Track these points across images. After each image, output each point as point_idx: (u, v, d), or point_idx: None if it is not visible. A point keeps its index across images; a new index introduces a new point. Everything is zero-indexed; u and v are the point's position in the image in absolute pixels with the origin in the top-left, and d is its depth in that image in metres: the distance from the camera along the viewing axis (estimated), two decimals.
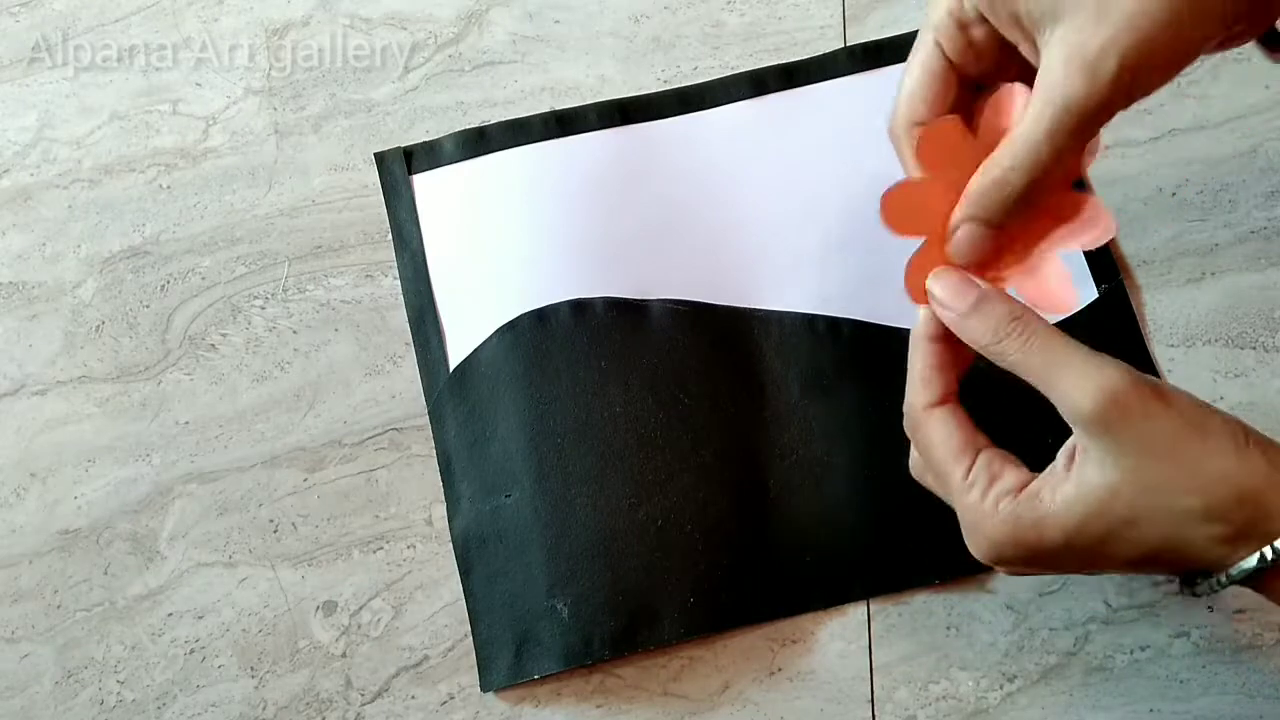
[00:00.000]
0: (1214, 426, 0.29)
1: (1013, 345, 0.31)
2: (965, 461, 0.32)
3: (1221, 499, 0.28)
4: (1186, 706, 0.40)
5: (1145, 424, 0.28)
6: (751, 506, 0.43)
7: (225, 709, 0.41)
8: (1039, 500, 0.30)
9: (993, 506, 0.31)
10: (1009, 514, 0.30)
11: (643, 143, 0.48)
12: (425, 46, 0.51)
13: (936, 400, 0.33)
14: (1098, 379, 0.29)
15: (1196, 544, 0.29)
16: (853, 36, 0.50)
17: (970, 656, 0.41)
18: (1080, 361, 0.29)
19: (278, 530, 0.44)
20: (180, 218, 0.48)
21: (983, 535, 0.31)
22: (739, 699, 0.41)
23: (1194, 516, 0.28)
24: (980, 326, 0.31)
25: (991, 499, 0.31)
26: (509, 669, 0.41)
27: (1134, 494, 0.29)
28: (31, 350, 0.46)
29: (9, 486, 0.45)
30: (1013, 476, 0.31)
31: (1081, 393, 0.29)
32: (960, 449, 0.32)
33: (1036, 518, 0.30)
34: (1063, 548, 0.30)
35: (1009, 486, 0.31)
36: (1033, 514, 0.30)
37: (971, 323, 0.32)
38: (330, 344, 0.46)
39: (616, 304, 0.44)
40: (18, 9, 0.52)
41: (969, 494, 0.32)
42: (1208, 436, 0.28)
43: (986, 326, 0.31)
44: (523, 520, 0.42)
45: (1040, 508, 0.30)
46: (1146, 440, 0.28)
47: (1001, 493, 0.31)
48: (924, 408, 0.33)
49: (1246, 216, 0.46)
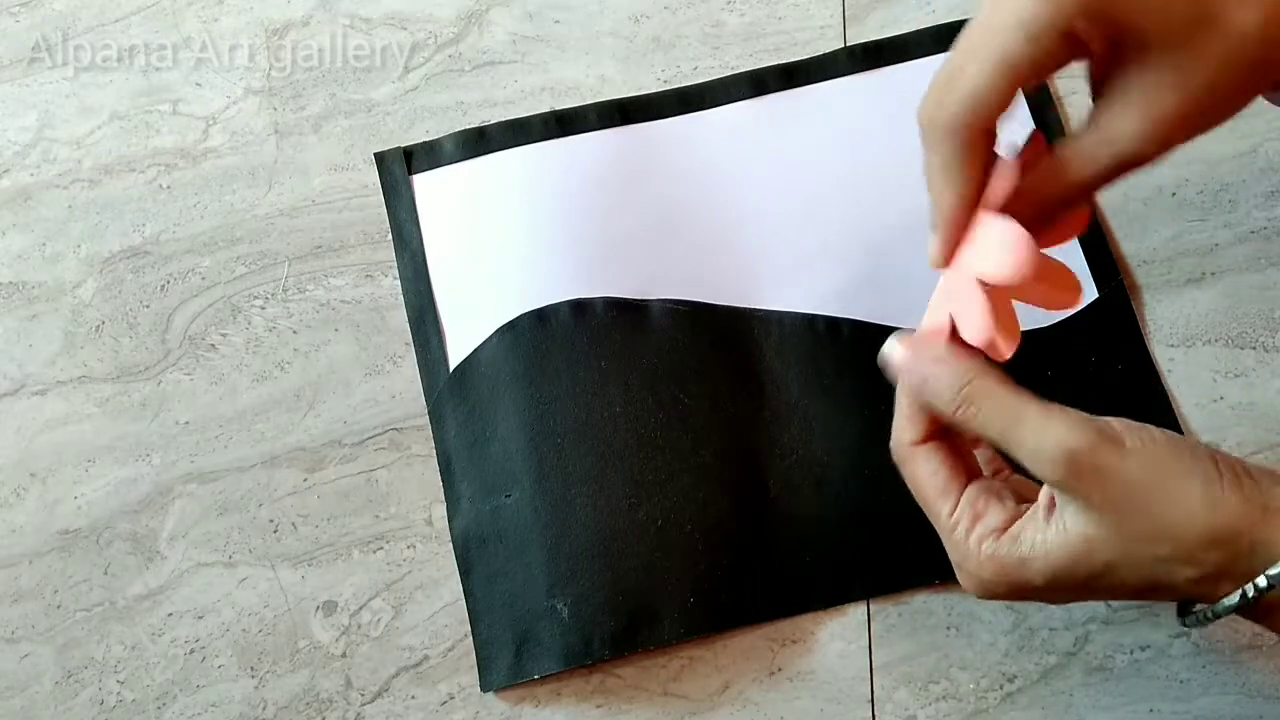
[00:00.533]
0: (1180, 469, 0.28)
1: (967, 416, 0.31)
2: (950, 500, 0.32)
3: (1191, 544, 0.28)
4: (1186, 706, 0.40)
5: (1106, 480, 0.28)
6: (751, 506, 0.43)
7: (225, 709, 0.41)
8: (1020, 543, 0.30)
9: (976, 546, 0.31)
10: (991, 555, 0.31)
11: (643, 143, 0.48)
12: (425, 46, 0.51)
13: (921, 438, 0.33)
14: (1053, 440, 0.29)
15: (1177, 584, 0.29)
16: (853, 36, 0.50)
17: (970, 656, 0.41)
18: (1034, 424, 0.29)
19: (278, 530, 0.44)
20: (180, 218, 0.48)
21: (968, 573, 0.32)
22: (739, 699, 0.41)
23: (1167, 562, 0.28)
24: (936, 400, 0.32)
25: (975, 539, 0.31)
26: (509, 669, 0.41)
27: (1109, 544, 0.29)
28: (31, 350, 0.46)
29: (9, 486, 0.45)
30: (996, 516, 0.31)
31: (1040, 458, 0.29)
32: (944, 487, 0.32)
33: (1019, 558, 0.30)
34: (1048, 586, 0.30)
35: (992, 526, 0.31)
36: (1015, 554, 0.30)
37: (926, 395, 0.32)
38: (330, 344, 0.46)
39: (616, 304, 0.44)
40: (18, 9, 0.52)
41: (954, 533, 0.32)
42: (1172, 482, 0.28)
43: (940, 400, 0.31)
44: (523, 520, 0.42)
45: (1022, 548, 0.30)
46: (1110, 495, 0.28)
47: (985, 533, 0.31)
48: (909, 444, 0.34)
49: (1246, 216, 0.46)
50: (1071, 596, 0.31)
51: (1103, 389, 0.44)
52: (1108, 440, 0.28)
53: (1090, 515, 0.29)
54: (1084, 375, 0.44)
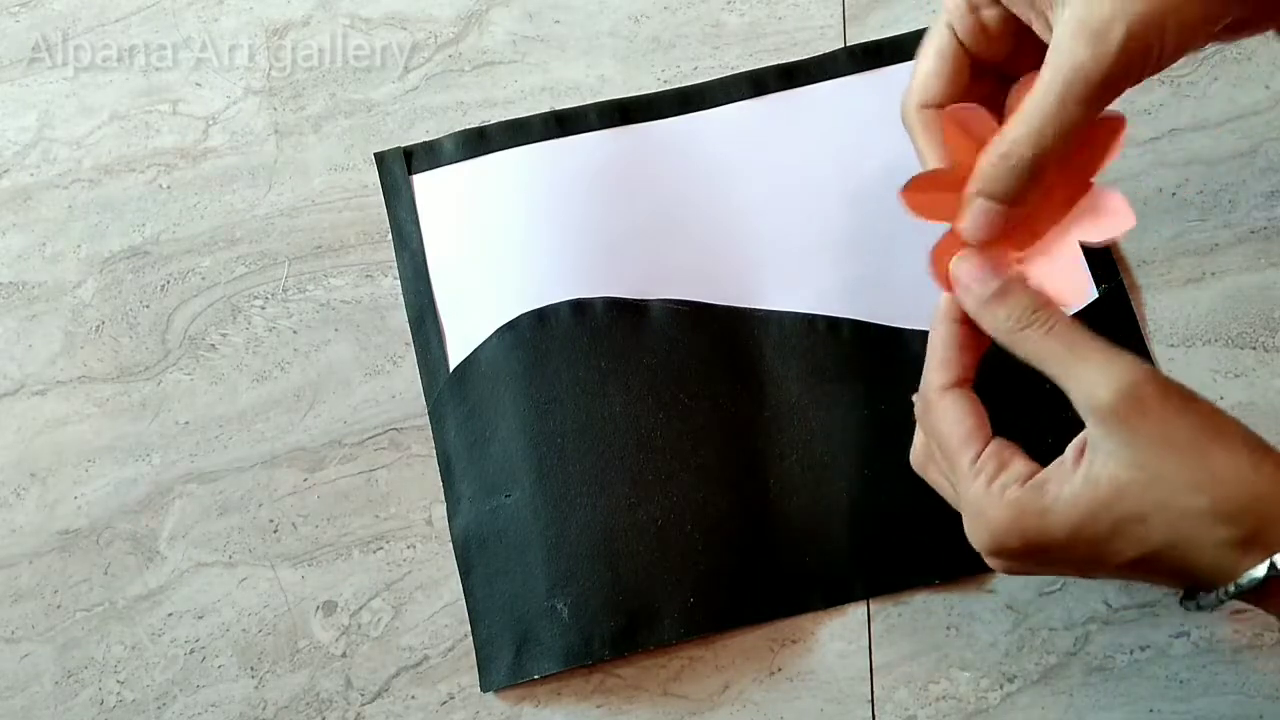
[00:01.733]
0: (1232, 431, 0.29)
1: (1034, 334, 0.30)
2: (975, 447, 0.32)
3: (1233, 500, 0.27)
4: (1186, 706, 0.40)
5: (1162, 419, 0.28)
6: (751, 506, 0.43)
7: (225, 709, 0.41)
8: (1045, 490, 0.30)
9: (998, 493, 0.30)
10: (1014, 501, 0.30)
11: (643, 143, 0.48)
12: (425, 46, 0.51)
13: (953, 382, 0.33)
14: (1119, 372, 0.29)
15: (1203, 547, 0.28)
16: (853, 36, 0.50)
17: (970, 656, 0.41)
18: (1102, 353, 0.29)
19: (278, 530, 0.44)
20: (180, 218, 0.48)
21: (985, 522, 0.31)
22: (739, 699, 0.41)
23: (1203, 516, 0.28)
24: (1003, 313, 0.31)
25: (998, 486, 0.31)
26: (509, 669, 0.41)
27: (1143, 489, 0.28)
28: (31, 350, 0.46)
29: (9, 486, 0.45)
30: (1021, 466, 0.31)
31: (1100, 384, 0.29)
32: (970, 434, 0.32)
33: (1041, 507, 0.30)
34: (1065, 541, 0.30)
35: (1016, 475, 0.31)
36: (1038, 503, 0.30)
37: (994, 308, 0.31)
38: (330, 344, 0.46)
39: (616, 304, 0.44)
40: (18, 9, 0.52)
41: (975, 480, 0.31)
42: (1225, 439, 0.28)
43: (1010, 313, 0.31)
44: (523, 520, 0.42)
45: (1046, 498, 0.30)
46: (1160, 435, 0.28)
47: (1008, 480, 0.31)
48: (939, 388, 0.33)
49: (1246, 216, 0.46)
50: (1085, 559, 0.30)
51: None
52: (1173, 385, 0.29)
53: (1130, 456, 0.28)
54: None
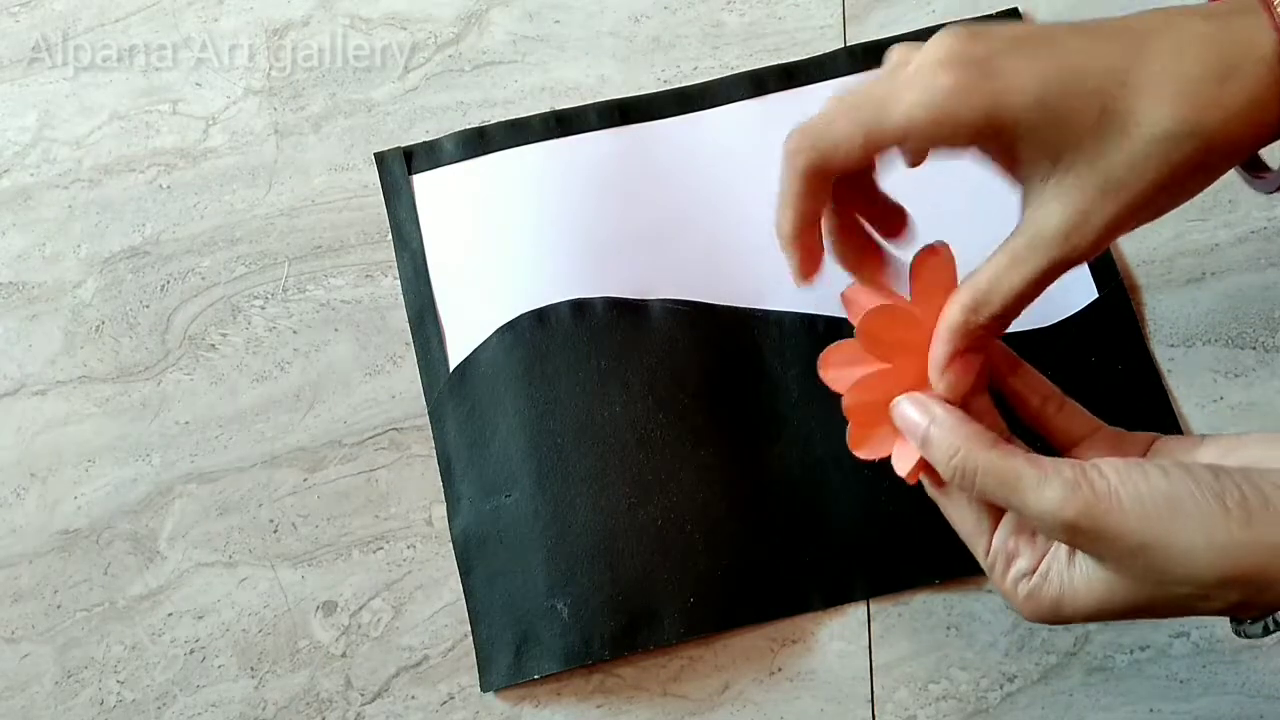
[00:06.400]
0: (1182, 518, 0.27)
1: (965, 485, 0.31)
2: (983, 541, 0.32)
3: (1210, 583, 0.27)
4: (1186, 706, 0.40)
5: (1110, 542, 0.28)
6: (751, 506, 0.43)
7: (225, 709, 0.41)
8: (1050, 583, 0.31)
9: (1013, 588, 0.32)
10: (1027, 595, 0.31)
11: (643, 143, 0.48)
12: (425, 46, 0.51)
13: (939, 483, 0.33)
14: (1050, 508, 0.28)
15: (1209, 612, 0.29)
16: (853, 36, 0.50)
17: (970, 656, 0.41)
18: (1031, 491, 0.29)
19: (278, 530, 0.44)
20: (180, 218, 0.48)
21: (1011, 604, 0.32)
22: (739, 699, 0.41)
23: (1192, 598, 0.28)
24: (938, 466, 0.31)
25: (1010, 582, 0.32)
26: (509, 669, 0.41)
27: (1130, 589, 0.29)
28: (31, 350, 0.46)
29: (9, 486, 0.45)
30: (1026, 557, 0.31)
31: (1043, 525, 0.29)
32: (974, 528, 0.33)
33: (1053, 601, 0.31)
34: (1086, 621, 0.31)
35: (1024, 569, 0.31)
36: (1049, 597, 0.31)
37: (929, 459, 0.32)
38: (330, 344, 0.46)
39: (616, 304, 0.44)
40: (18, 9, 0.52)
41: (992, 574, 0.32)
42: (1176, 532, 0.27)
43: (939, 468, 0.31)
44: (523, 520, 0.42)
45: (1053, 590, 0.31)
46: (1117, 552, 0.28)
47: (1018, 575, 0.31)
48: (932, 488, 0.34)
49: (1246, 216, 0.46)
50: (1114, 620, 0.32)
51: (1103, 389, 0.44)
52: (1104, 500, 0.28)
53: (1105, 566, 0.29)
54: (1084, 375, 0.44)
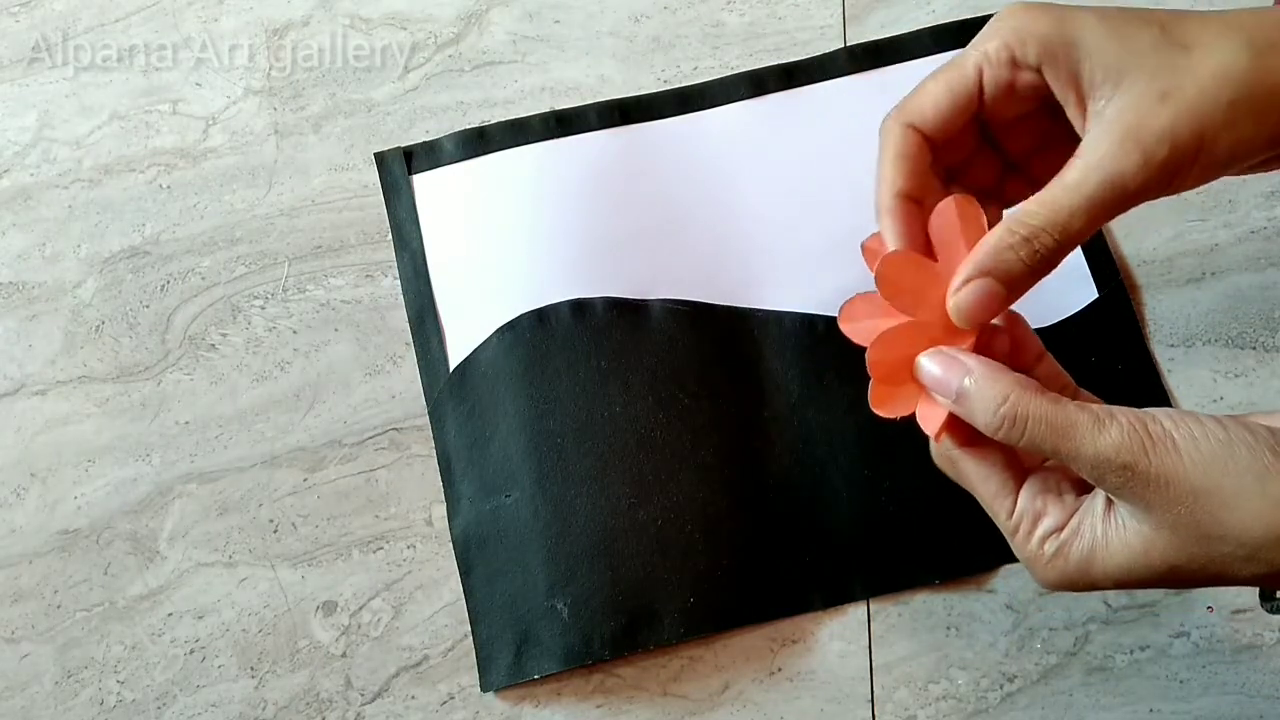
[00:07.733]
0: (1236, 468, 0.27)
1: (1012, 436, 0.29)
2: (1006, 502, 0.31)
3: (1256, 539, 0.27)
4: (1186, 706, 0.40)
5: (1165, 489, 0.27)
6: (751, 506, 0.42)
7: (225, 709, 0.41)
8: (1082, 538, 0.30)
9: (1039, 547, 0.30)
10: (1055, 553, 0.30)
11: (642, 143, 0.48)
12: (425, 46, 0.51)
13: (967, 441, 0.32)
14: (1108, 453, 0.28)
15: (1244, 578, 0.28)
16: (853, 36, 0.50)
17: (970, 656, 0.41)
18: (1087, 437, 0.28)
19: (278, 530, 0.44)
20: (180, 218, 0.48)
21: (1034, 573, 0.31)
22: (739, 699, 0.41)
23: (1232, 559, 0.27)
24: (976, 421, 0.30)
25: (1036, 541, 0.30)
26: (509, 669, 0.41)
27: (1170, 545, 0.28)
28: (31, 350, 0.46)
29: (9, 486, 0.45)
30: (1055, 514, 0.30)
31: (1097, 472, 0.28)
32: (998, 490, 0.31)
33: (1082, 559, 0.30)
34: (1114, 585, 0.30)
35: (1051, 526, 0.30)
36: (1080, 551, 0.30)
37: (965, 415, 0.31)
38: (330, 344, 0.46)
39: (616, 304, 0.44)
40: (18, 9, 0.52)
41: (1015, 536, 0.31)
42: (1229, 482, 0.27)
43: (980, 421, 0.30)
44: (523, 520, 0.42)
45: (1084, 546, 0.30)
46: (1168, 499, 0.27)
47: (1045, 533, 0.30)
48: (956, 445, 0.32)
49: (1246, 216, 0.46)
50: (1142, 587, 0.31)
51: (1103, 388, 0.43)
52: (1162, 445, 0.28)
53: (1150, 517, 0.28)
54: (1084, 375, 0.43)
